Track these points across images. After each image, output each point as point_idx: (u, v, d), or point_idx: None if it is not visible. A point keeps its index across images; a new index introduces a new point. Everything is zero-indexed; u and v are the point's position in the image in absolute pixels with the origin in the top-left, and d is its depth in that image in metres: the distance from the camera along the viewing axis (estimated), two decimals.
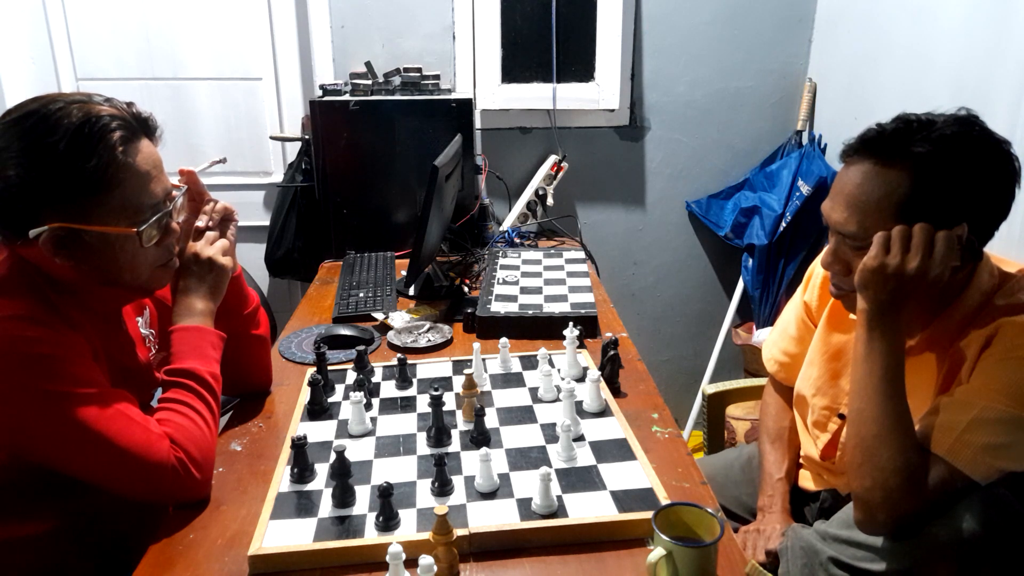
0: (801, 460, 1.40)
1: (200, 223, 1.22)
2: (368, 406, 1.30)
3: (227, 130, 2.58)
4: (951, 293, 1.08)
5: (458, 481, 1.09)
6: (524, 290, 1.80)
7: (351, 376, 1.43)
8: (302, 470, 1.10)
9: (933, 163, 1.00)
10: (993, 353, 1.00)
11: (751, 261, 2.57)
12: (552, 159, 2.52)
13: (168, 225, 1.12)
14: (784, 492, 1.36)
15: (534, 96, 2.55)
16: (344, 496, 1.04)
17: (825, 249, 1.14)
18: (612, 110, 2.57)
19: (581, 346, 1.48)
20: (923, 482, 0.97)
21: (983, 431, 0.96)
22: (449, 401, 1.29)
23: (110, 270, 1.07)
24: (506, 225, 2.43)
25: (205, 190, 1.24)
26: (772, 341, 1.48)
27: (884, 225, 1.02)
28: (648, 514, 0.94)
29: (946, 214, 1.00)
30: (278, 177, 2.54)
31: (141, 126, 1.06)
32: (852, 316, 1.22)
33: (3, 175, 0.96)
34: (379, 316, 1.73)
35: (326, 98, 2.22)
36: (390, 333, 1.65)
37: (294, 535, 0.98)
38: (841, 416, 1.26)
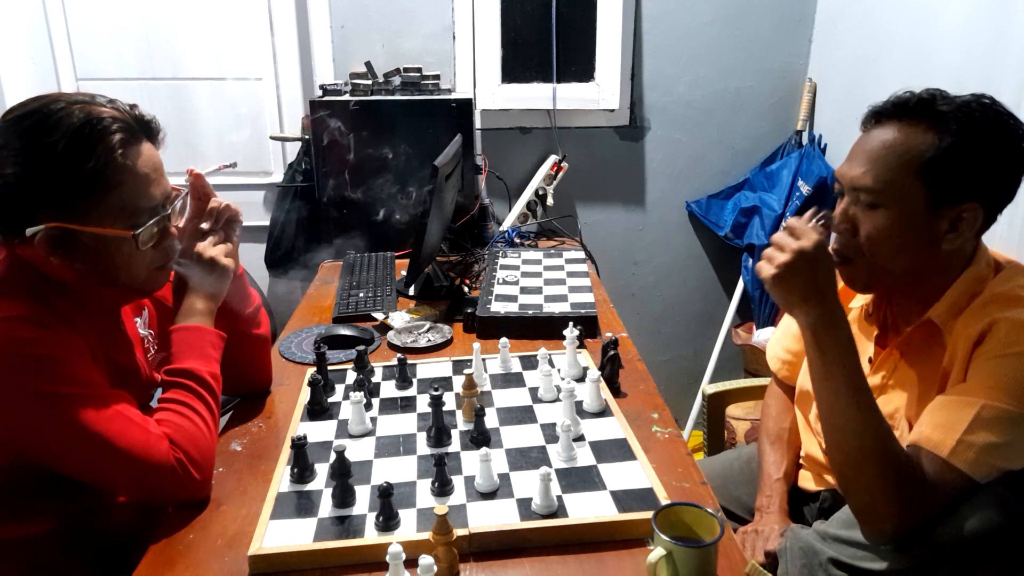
0: (801, 460, 1.40)
1: (205, 225, 1.21)
2: (368, 406, 1.30)
3: (227, 130, 2.58)
4: (947, 278, 1.09)
5: (458, 481, 1.09)
6: (524, 290, 1.80)
7: (351, 376, 1.43)
8: (302, 470, 1.10)
9: (956, 122, 1.02)
10: (988, 350, 1.00)
11: (751, 261, 2.57)
12: (552, 159, 2.52)
13: (166, 228, 1.11)
14: (782, 492, 1.36)
15: (534, 96, 2.55)
16: (344, 496, 1.04)
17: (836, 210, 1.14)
18: (612, 110, 2.57)
19: (581, 346, 1.48)
20: (923, 483, 0.96)
21: (984, 430, 0.96)
22: (449, 401, 1.29)
23: (106, 271, 1.07)
24: (506, 225, 2.43)
25: (212, 191, 1.24)
26: (775, 340, 1.48)
27: (903, 180, 1.04)
28: (648, 514, 0.94)
29: (963, 178, 1.02)
30: (278, 177, 2.54)
31: (143, 129, 1.06)
32: (854, 303, 1.23)
33: (1, 173, 0.96)
34: (379, 316, 1.73)
35: (326, 98, 2.22)
36: (390, 333, 1.65)
37: (294, 535, 0.98)
38: None
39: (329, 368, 1.42)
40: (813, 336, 1.03)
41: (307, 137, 2.39)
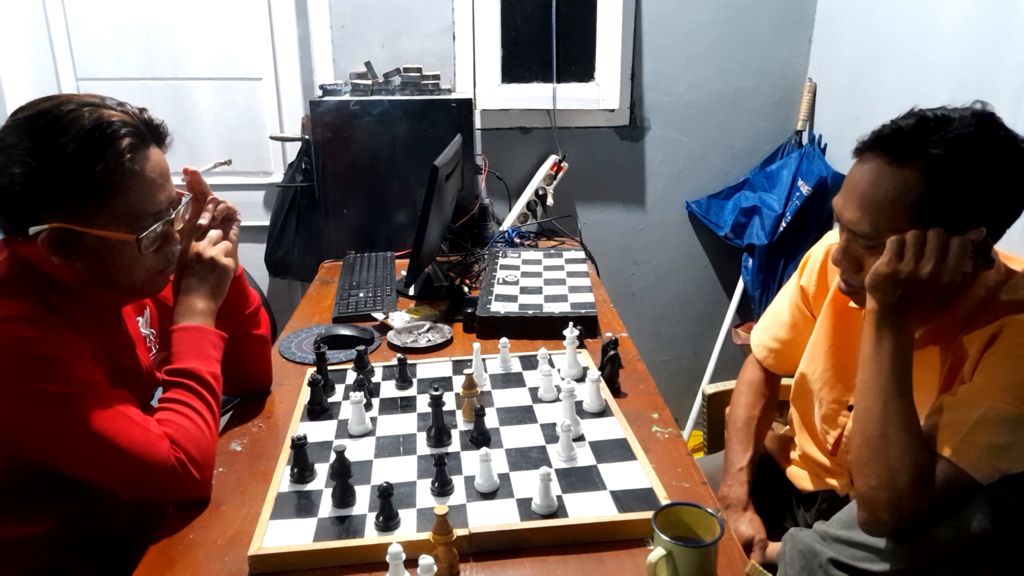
0: (799, 459, 1.40)
1: (203, 221, 1.22)
2: (368, 406, 1.30)
3: (227, 130, 2.58)
4: (957, 288, 1.07)
5: (458, 481, 1.09)
6: (524, 290, 1.80)
7: (351, 376, 1.43)
8: (302, 470, 1.10)
9: (949, 165, 0.99)
10: (997, 351, 1.00)
11: (751, 261, 2.57)
12: (552, 159, 2.52)
13: (169, 232, 1.12)
14: (745, 483, 1.36)
15: (534, 96, 2.55)
16: (344, 496, 1.04)
17: (834, 238, 1.13)
18: (612, 110, 2.58)
19: (581, 346, 1.48)
20: (930, 482, 0.96)
21: (988, 431, 0.95)
22: (449, 401, 1.29)
23: (106, 273, 1.07)
24: (506, 225, 2.43)
25: (208, 189, 1.24)
26: (762, 328, 1.47)
27: (898, 225, 1.01)
28: (648, 514, 0.94)
29: (961, 215, 0.99)
30: (278, 177, 2.54)
31: (152, 133, 1.07)
32: (852, 304, 1.23)
33: (8, 172, 0.97)
34: (379, 316, 1.73)
35: (326, 98, 2.22)
36: (390, 333, 1.65)
37: (294, 535, 0.98)
38: (851, 408, 1.25)
39: (329, 368, 1.42)
40: (877, 319, 1.03)
41: (307, 137, 2.39)
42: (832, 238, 1.15)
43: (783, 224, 2.45)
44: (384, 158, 2.22)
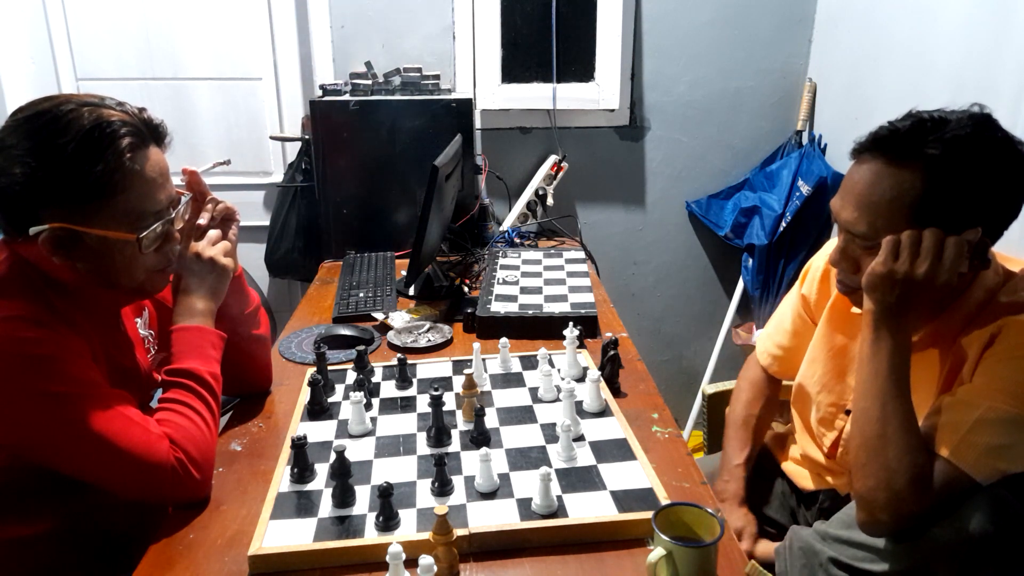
0: (799, 459, 1.40)
1: (202, 221, 1.22)
2: (368, 406, 1.30)
3: (227, 130, 2.58)
4: (956, 290, 1.07)
5: (458, 481, 1.09)
6: (524, 290, 1.80)
7: (351, 376, 1.43)
8: (302, 470, 1.10)
9: (946, 165, 0.99)
10: (996, 352, 1.00)
11: (751, 261, 2.57)
12: (552, 159, 2.52)
13: (169, 232, 1.12)
14: (741, 479, 1.37)
15: (534, 96, 2.55)
16: (344, 496, 1.04)
17: (833, 246, 1.13)
18: (612, 110, 2.57)
19: (581, 346, 1.48)
20: (928, 483, 0.96)
21: (987, 432, 0.96)
22: (449, 401, 1.29)
23: (107, 272, 1.07)
24: (506, 225, 2.43)
25: (207, 189, 1.24)
26: (767, 335, 1.48)
27: (895, 226, 1.01)
28: (648, 514, 0.94)
29: (958, 215, 1.00)
30: (278, 177, 2.54)
31: (151, 133, 1.07)
32: (855, 310, 1.23)
33: (8, 172, 0.97)
34: (379, 316, 1.73)
35: (326, 98, 2.22)
36: (390, 333, 1.65)
37: (294, 535, 0.98)
38: (848, 412, 1.25)
39: (329, 368, 1.42)
40: (875, 319, 1.03)
41: (307, 137, 2.39)
42: (832, 246, 1.16)
43: (783, 224, 2.45)
44: (384, 158, 2.22)
